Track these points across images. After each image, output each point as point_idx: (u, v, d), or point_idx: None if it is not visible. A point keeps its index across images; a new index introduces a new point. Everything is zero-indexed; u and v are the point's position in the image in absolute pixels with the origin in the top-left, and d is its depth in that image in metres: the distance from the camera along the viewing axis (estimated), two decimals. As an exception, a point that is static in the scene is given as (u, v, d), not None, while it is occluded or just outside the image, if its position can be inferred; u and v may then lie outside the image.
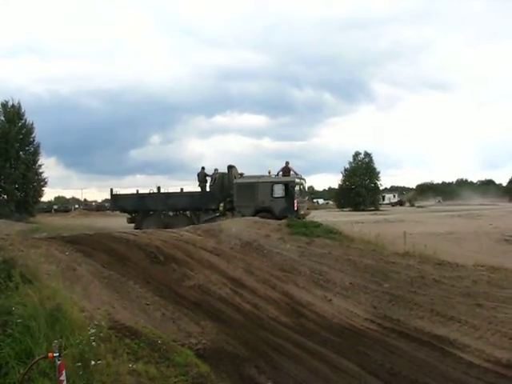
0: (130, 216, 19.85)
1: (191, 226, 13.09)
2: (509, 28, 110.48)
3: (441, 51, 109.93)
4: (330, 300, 7.57)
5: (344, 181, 54.22)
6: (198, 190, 19.35)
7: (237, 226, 11.26)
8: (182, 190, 20.78)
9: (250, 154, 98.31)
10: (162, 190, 19.75)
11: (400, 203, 60.96)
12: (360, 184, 52.06)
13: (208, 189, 19.39)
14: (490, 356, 5.75)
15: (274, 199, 17.75)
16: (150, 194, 19.83)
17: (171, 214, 19.68)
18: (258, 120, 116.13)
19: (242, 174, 19.60)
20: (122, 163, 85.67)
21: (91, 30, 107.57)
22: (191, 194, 19.76)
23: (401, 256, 9.73)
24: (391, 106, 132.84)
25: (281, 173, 18.52)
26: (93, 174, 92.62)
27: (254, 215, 17.31)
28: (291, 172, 18.70)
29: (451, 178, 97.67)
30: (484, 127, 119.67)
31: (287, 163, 18.95)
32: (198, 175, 19.51)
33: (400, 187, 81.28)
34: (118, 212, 21.72)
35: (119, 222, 19.86)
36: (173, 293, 7.21)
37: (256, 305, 7.17)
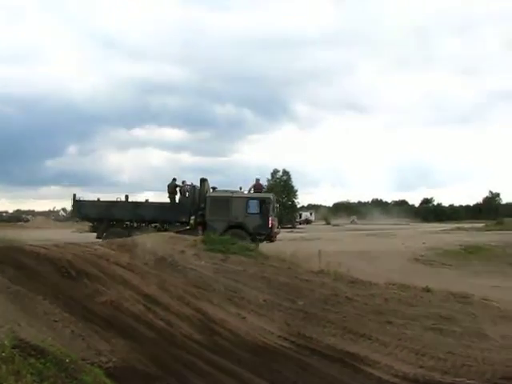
0: (92, 224, 19.17)
1: (106, 240, 12.87)
2: (418, 59, 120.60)
3: (360, 75, 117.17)
4: (244, 317, 7.79)
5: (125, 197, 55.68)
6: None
7: (152, 241, 11.26)
8: (146, 200, 19.59)
9: (168, 168, 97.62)
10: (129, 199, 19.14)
11: (307, 221, 63.13)
12: (278, 201, 53.53)
13: (178, 201, 18.90)
14: (398, 371, 6.21)
15: (249, 215, 17.73)
16: (117, 202, 19.08)
17: (136, 225, 18.89)
18: (178, 134, 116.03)
19: (214, 188, 19.33)
20: (37, 173, 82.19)
21: (6, 34, 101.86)
22: (161, 205, 19.23)
23: (315, 274, 10.27)
24: (312, 126, 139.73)
25: (252, 189, 18.66)
26: (4, 185, 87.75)
27: (226, 230, 17.36)
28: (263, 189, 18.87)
29: (367, 197, 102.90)
30: (398, 150, 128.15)
31: (258, 180, 19.27)
32: (168, 186, 18.95)
33: (317, 205, 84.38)
34: (79, 220, 20.94)
35: (33, 235, 18.81)
36: (83, 309, 7.13)
37: (169, 322, 7.24)
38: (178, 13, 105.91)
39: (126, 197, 19.21)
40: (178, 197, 19.03)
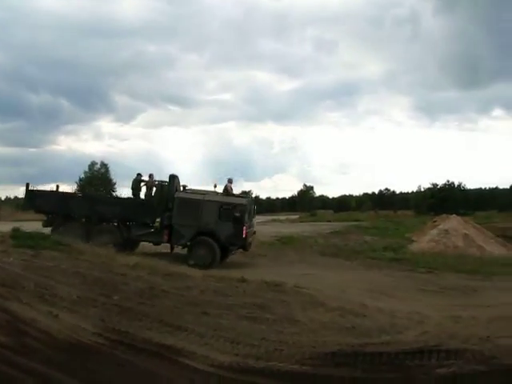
0: (46, 218, 18.17)
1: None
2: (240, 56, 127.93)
3: (182, 68, 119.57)
4: (57, 315, 7.76)
5: (78, 190, 54.15)
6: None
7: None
8: (111, 194, 17.73)
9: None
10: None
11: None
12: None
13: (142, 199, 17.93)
14: (214, 361, 6.78)
15: (221, 222, 17.03)
16: (74, 194, 18.28)
17: (96, 222, 17.95)
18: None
19: (184, 187, 18.27)
20: None
21: None
22: (124, 202, 18.31)
23: (131, 268, 10.52)
24: (131, 117, 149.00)
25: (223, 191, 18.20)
26: None
27: (193, 238, 16.92)
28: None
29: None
30: (218, 144, 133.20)
31: (230, 180, 18.63)
32: (132, 182, 18.03)
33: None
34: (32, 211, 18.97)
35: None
36: None
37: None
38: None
39: (84, 190, 18.06)
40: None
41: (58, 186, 19.04)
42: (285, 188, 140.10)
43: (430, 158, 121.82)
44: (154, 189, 18.41)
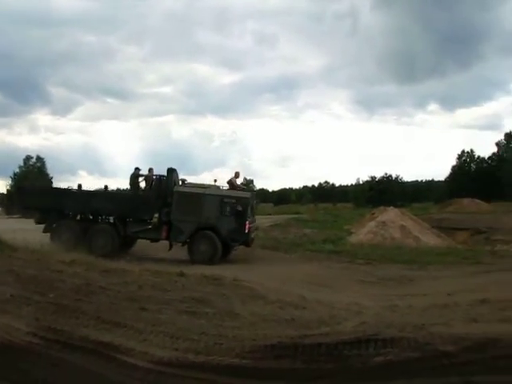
0: (39, 215, 17.58)
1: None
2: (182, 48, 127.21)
3: (120, 60, 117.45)
4: (-12, 316, 7.55)
5: (13, 186, 52.67)
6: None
7: None
8: (105, 189, 17.66)
9: None
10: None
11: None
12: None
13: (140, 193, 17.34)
14: (153, 356, 6.76)
15: (223, 217, 16.63)
16: (68, 190, 17.36)
17: (91, 218, 17.51)
18: None
19: (183, 181, 17.73)
20: None
21: None
22: (121, 197, 17.98)
23: (67, 264, 10.31)
24: (68, 110, 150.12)
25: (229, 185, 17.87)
26: None
27: (194, 234, 16.40)
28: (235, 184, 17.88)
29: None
30: (156, 137, 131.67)
31: (237, 174, 18.29)
32: (130, 177, 17.49)
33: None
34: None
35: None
36: None
37: None
38: None
39: (79, 186, 17.58)
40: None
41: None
42: (225, 182, 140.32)
43: (369, 151, 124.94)
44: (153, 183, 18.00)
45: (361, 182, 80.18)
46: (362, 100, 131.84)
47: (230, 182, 18.22)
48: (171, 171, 17.60)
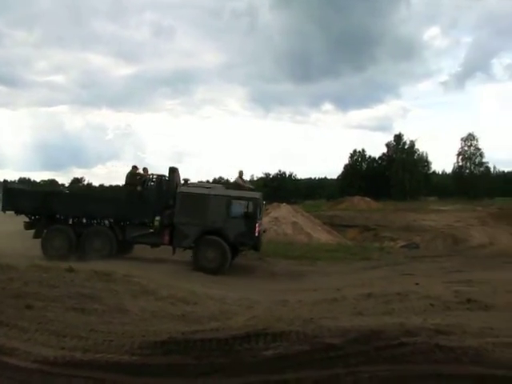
0: (28, 220, 16.12)
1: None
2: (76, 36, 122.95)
3: (7, 45, 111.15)
4: None
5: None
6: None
7: None
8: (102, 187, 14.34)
9: None
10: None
11: None
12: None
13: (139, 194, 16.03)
14: (37, 356, 6.54)
15: (230, 220, 15.36)
16: (59, 191, 16.37)
17: (85, 221, 16.08)
18: None
19: (186, 181, 16.20)
20: None
21: None
22: (117, 199, 16.43)
23: None
24: None
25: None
26: None
27: (198, 238, 15.25)
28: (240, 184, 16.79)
29: (15, 176, 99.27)
30: (49, 129, 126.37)
31: (241, 173, 17.02)
32: (127, 176, 15.87)
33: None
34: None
35: None
36: None
37: None
38: None
39: (71, 186, 15.00)
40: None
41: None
42: (119, 175, 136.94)
43: (264, 149, 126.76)
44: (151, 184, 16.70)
45: (255, 179, 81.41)
46: (259, 98, 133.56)
47: (236, 183, 17.28)
48: (173, 170, 16.45)
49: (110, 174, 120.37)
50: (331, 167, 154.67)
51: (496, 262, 14.89)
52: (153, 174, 16.70)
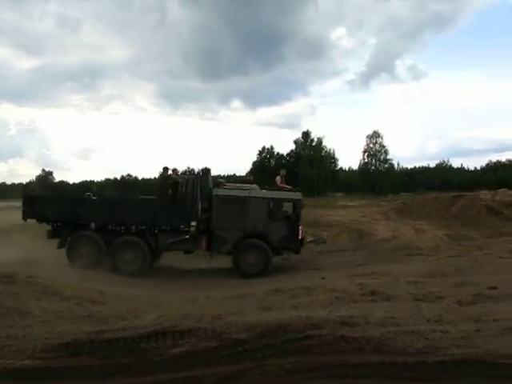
0: (51, 228, 15.11)
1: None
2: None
3: None
4: None
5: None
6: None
7: None
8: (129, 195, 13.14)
9: None
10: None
11: None
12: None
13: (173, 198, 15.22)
14: None
15: (272, 223, 14.73)
16: (87, 197, 15.52)
17: (115, 230, 14.87)
18: None
19: (220, 182, 15.71)
20: None
21: None
22: (152, 204, 15.50)
23: None
24: None
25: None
26: None
27: (239, 243, 14.65)
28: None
29: None
30: None
31: (283, 174, 16.23)
32: (159, 178, 15.49)
33: None
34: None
35: None
36: None
37: None
38: None
39: (100, 193, 13.46)
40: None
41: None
42: (22, 173, 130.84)
43: (173, 145, 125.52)
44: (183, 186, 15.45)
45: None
46: (167, 94, 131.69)
47: (275, 183, 16.55)
48: (206, 171, 15.77)
49: (12, 172, 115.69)
50: (240, 164, 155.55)
51: (398, 255, 15.60)
52: (185, 176, 16.05)
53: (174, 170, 16.30)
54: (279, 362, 5.66)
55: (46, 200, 16.35)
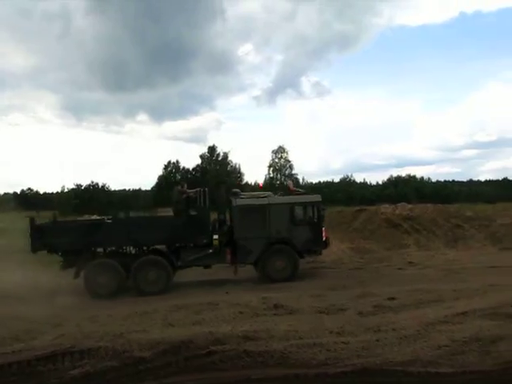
0: (64, 259, 14.11)
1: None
2: None
3: None
4: None
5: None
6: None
7: None
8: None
9: None
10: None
11: None
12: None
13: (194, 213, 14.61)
14: None
15: (295, 227, 14.68)
16: (102, 221, 14.53)
17: (133, 252, 14.54)
18: None
19: (236, 193, 15.51)
20: None
21: None
22: (169, 220, 14.86)
23: None
24: None
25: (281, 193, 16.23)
26: None
27: (264, 251, 14.53)
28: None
29: None
30: None
31: (293, 180, 12.89)
32: (173, 194, 15.41)
33: None
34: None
35: None
36: None
37: None
38: None
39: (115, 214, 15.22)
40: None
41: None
42: None
43: (76, 159, 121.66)
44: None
45: (66, 190, 77.94)
46: (70, 105, 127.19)
47: (287, 188, 16.62)
48: (220, 183, 15.89)
49: None
50: (145, 178, 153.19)
51: (303, 269, 15.96)
52: (198, 190, 15.24)
53: (182, 185, 15.98)
54: (181, 379, 5.68)
55: (57, 229, 14.77)
